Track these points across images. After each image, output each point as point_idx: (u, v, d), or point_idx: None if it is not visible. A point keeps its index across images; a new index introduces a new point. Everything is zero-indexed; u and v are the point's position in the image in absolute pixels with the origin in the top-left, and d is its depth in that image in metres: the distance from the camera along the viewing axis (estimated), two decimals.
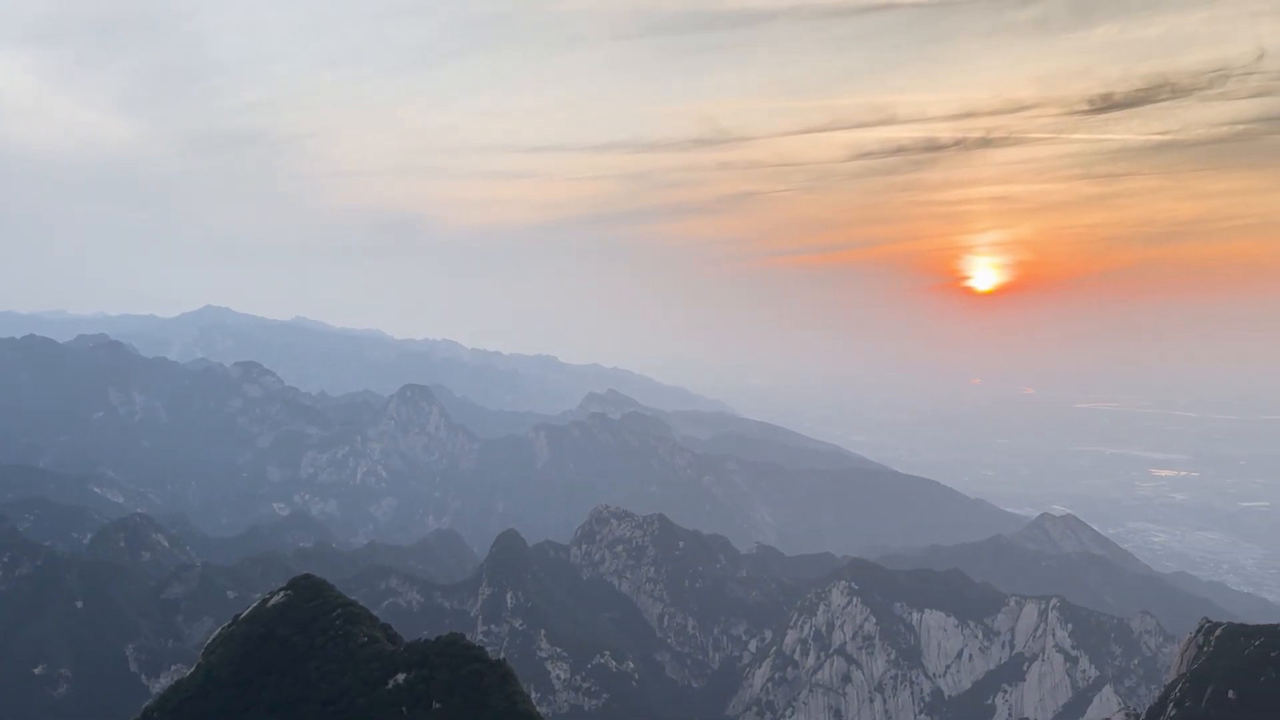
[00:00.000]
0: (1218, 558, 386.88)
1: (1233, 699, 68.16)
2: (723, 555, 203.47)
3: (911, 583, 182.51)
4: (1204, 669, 72.33)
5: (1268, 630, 72.86)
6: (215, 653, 69.95)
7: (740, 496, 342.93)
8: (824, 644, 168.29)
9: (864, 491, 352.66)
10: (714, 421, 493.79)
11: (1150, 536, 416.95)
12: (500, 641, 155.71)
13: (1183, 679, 73.57)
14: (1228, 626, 77.02)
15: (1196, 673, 72.53)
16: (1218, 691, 69.20)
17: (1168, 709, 71.81)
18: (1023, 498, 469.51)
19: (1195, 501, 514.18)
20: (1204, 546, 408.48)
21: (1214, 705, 68.71)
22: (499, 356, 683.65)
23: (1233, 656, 71.33)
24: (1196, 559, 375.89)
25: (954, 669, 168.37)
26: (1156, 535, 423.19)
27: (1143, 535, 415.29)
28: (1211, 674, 70.97)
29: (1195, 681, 71.61)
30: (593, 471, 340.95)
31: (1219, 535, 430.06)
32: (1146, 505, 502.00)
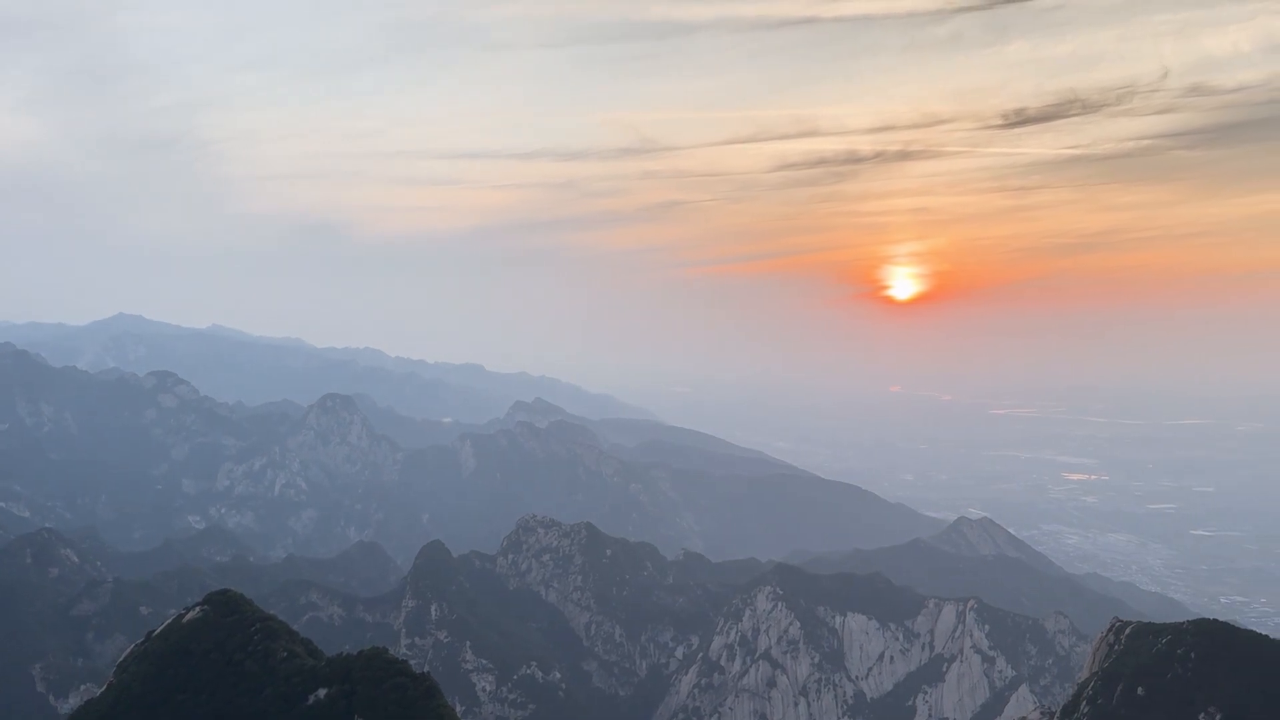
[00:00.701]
0: (1127, 559, 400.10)
1: (1142, 695, 70.53)
2: (650, 563, 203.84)
3: (834, 586, 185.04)
4: (1115, 667, 74.71)
5: (1174, 628, 75.57)
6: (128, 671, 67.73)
7: (667, 504, 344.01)
8: (750, 649, 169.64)
9: (788, 497, 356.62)
10: (641, 429, 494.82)
11: (1063, 538, 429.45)
12: (425, 654, 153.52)
13: (1095, 677, 75.87)
14: (1137, 625, 79.67)
15: (1108, 671, 74.87)
16: (1128, 688, 71.53)
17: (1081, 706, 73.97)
18: (941, 502, 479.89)
19: (1105, 504, 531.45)
20: (1114, 548, 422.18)
21: (1124, 702, 71.01)
22: (423, 365, 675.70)
23: (1142, 654, 73.84)
24: (1107, 560, 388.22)
25: (876, 671, 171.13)
26: (1069, 537, 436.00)
27: (1056, 537, 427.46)
28: (1122, 672, 73.35)
29: (1107, 679, 73.91)
30: (519, 481, 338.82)
31: (1128, 537, 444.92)
32: (1059, 508, 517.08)
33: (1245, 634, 75.94)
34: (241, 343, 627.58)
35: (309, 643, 72.06)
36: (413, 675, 65.08)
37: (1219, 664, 69.29)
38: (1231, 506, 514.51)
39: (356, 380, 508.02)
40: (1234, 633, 74.99)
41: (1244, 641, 73.01)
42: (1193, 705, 67.01)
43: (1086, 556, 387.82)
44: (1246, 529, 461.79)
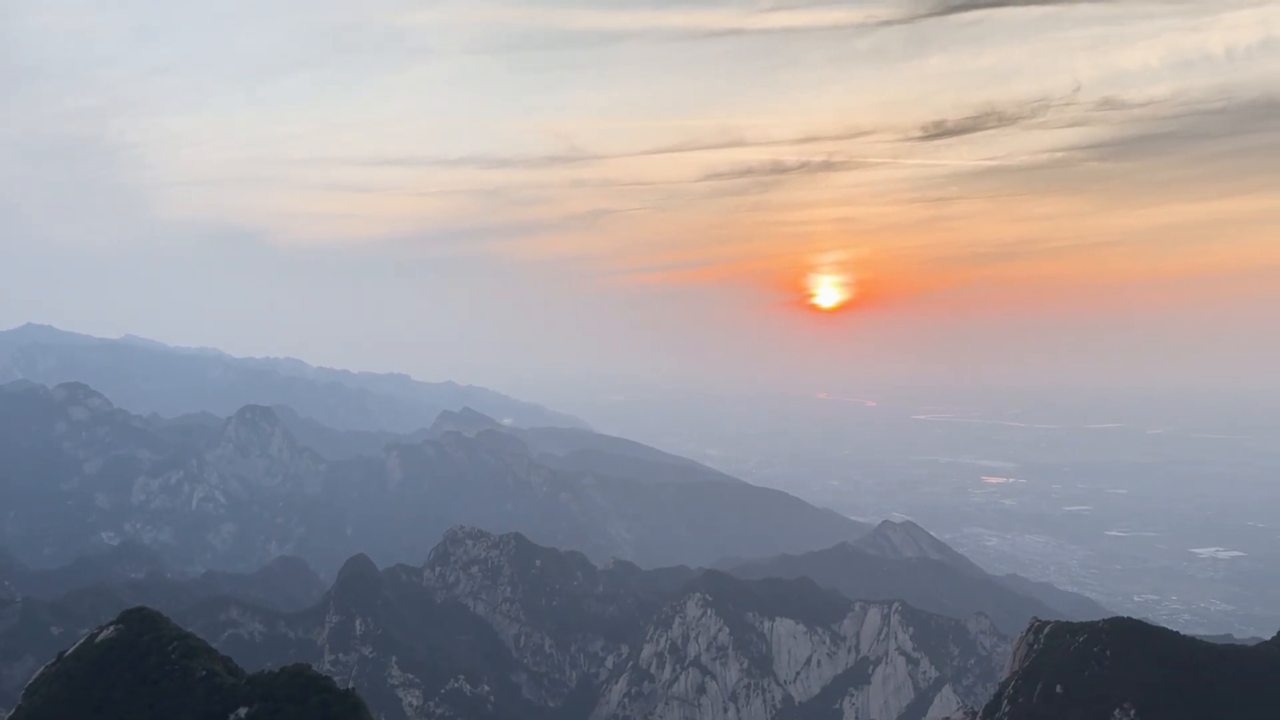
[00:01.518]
0: (1045, 559, 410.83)
1: (1061, 693, 72.39)
2: (580, 572, 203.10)
3: (763, 592, 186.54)
4: (1035, 666, 76.56)
5: (1090, 627, 77.77)
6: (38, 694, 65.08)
7: (597, 512, 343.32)
8: (679, 656, 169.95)
9: (718, 504, 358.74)
10: (570, 438, 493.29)
11: (983, 540, 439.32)
12: (349, 670, 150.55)
13: (1016, 676, 77.65)
14: (1055, 624, 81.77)
15: (1028, 670, 76.68)
16: (1047, 686, 73.36)
17: (1002, 705, 75.62)
18: (866, 506, 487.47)
19: (1023, 507, 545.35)
20: (1032, 549, 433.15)
21: (1044, 699, 72.82)
22: (347, 375, 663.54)
23: (1060, 653, 75.80)
24: (1025, 561, 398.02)
25: (804, 675, 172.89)
26: (989, 539, 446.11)
27: (976, 539, 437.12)
28: (1041, 670, 75.19)
29: (1027, 678, 75.70)
30: (447, 492, 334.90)
31: (1045, 538, 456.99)
32: (979, 511, 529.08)
33: (1157, 631, 78.49)
34: (157, 353, 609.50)
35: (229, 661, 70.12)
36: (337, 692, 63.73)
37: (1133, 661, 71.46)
38: (1144, 508, 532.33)
39: (277, 391, 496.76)
40: (1147, 630, 77.45)
41: (1156, 638, 75.44)
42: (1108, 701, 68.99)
43: (1006, 558, 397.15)
44: (1158, 529, 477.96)
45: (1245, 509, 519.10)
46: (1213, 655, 74.31)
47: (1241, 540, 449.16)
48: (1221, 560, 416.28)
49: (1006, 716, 73.79)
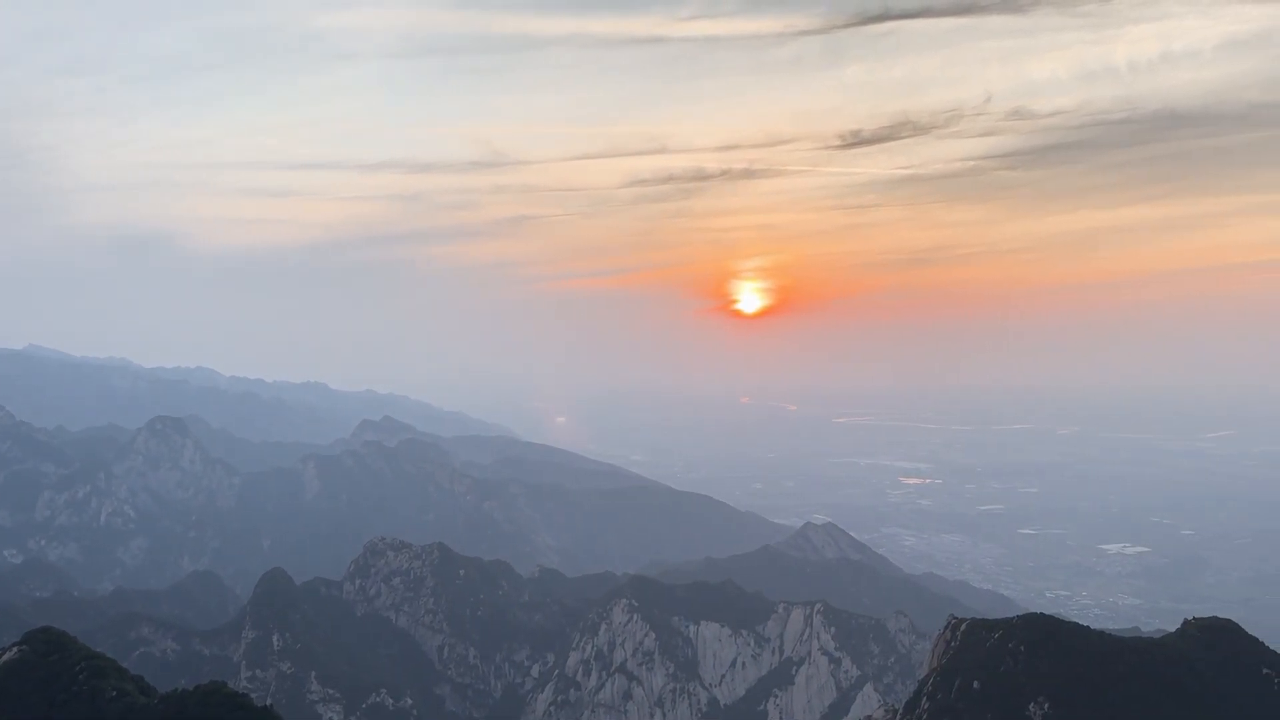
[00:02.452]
0: (961, 558, 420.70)
1: (978, 689, 74.17)
2: (505, 581, 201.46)
3: (688, 596, 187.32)
4: (953, 662, 78.30)
5: (1005, 624, 79.87)
6: None
7: (523, 520, 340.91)
8: (606, 663, 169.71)
9: (643, 509, 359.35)
10: (495, 445, 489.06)
11: (901, 540, 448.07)
12: (267, 687, 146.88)
13: (934, 673, 79.32)
14: (971, 622, 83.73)
15: (946, 666, 78.39)
16: (965, 683, 75.09)
17: (922, 702, 77.17)
18: (789, 508, 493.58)
19: (939, 507, 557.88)
20: (948, 548, 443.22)
21: (961, 696, 74.52)
22: (262, 384, 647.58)
23: (976, 649, 77.66)
24: (942, 560, 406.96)
25: (729, 678, 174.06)
26: (907, 539, 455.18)
27: (895, 539, 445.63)
28: (959, 667, 76.94)
29: (945, 675, 77.39)
30: (367, 502, 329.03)
31: (961, 537, 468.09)
32: (897, 511, 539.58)
33: (1069, 626, 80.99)
34: (62, 363, 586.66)
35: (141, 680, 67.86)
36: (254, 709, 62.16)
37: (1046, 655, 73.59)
38: (1054, 506, 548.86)
39: (189, 401, 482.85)
40: (1059, 625, 79.87)
41: (1068, 633, 77.83)
42: (1023, 695, 70.93)
43: (923, 557, 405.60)
44: (1068, 527, 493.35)
45: (1150, 506, 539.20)
46: (1121, 648, 76.94)
47: (1147, 536, 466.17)
48: (1129, 556, 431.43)
49: (926, 713, 75.28)
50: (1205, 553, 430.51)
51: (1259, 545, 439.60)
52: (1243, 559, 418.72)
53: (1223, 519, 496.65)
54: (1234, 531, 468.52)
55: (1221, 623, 79.80)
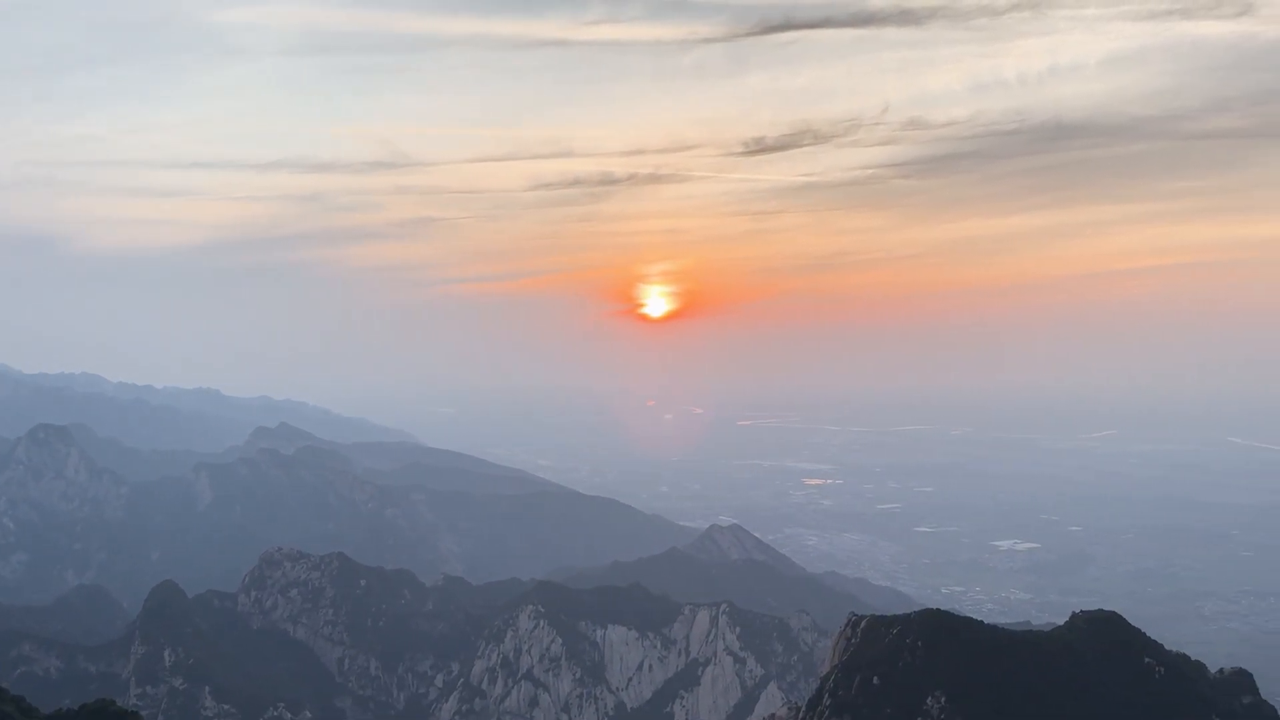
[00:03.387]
0: (860, 556, 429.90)
1: (877, 684, 75.78)
2: (408, 590, 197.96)
3: (595, 600, 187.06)
4: (853, 659, 79.86)
5: (903, 620, 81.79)
6: None
7: (426, 528, 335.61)
8: (512, 670, 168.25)
9: (550, 514, 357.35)
10: (398, 452, 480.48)
11: (804, 540, 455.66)
12: (158, 704, 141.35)
13: (835, 670, 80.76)
14: (871, 618, 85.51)
15: (847, 663, 79.90)
16: (865, 679, 76.65)
17: (824, 699, 78.48)
18: (695, 511, 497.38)
19: (840, 506, 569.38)
20: (848, 547, 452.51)
21: (862, 691, 76.04)
22: (151, 391, 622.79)
23: (876, 645, 79.36)
24: (843, 558, 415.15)
25: (636, 681, 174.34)
26: (809, 539, 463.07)
27: (797, 539, 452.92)
28: (859, 663, 78.50)
29: (846, 671, 78.87)
30: (263, 512, 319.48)
31: (861, 536, 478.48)
32: (800, 511, 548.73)
33: (964, 621, 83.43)
34: None
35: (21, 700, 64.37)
36: None
37: (943, 650, 75.62)
38: (949, 504, 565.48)
39: (73, 409, 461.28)
40: (954, 620, 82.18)
41: (963, 628, 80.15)
42: (921, 689, 72.72)
43: (824, 556, 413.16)
44: (962, 524, 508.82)
45: (1039, 504, 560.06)
46: (1013, 642, 79.59)
47: (1037, 533, 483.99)
48: (1019, 552, 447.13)
49: (828, 709, 76.60)
50: (1091, 548, 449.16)
51: (1140, 540, 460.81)
52: (1126, 554, 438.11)
53: (1107, 516, 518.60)
54: (1117, 527, 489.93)
55: (1107, 615, 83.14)
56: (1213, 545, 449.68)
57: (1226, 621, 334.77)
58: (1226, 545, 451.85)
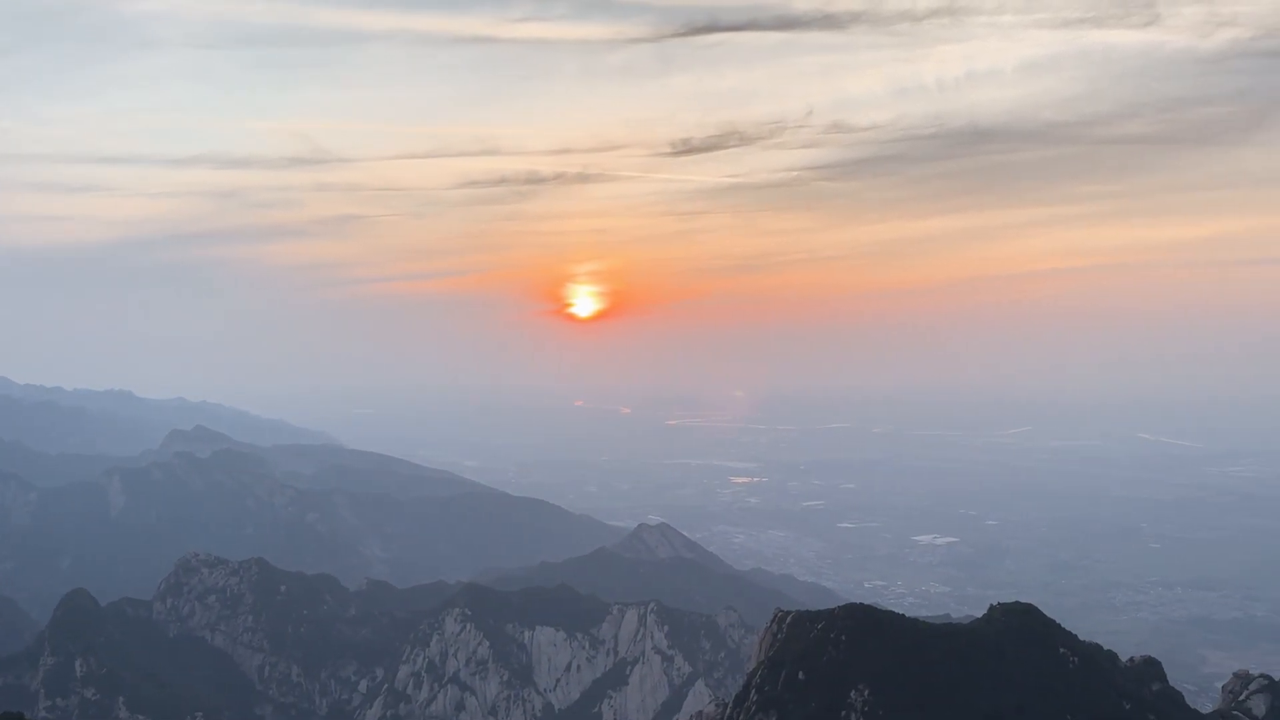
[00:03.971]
0: (786, 553, 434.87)
1: (803, 679, 76.63)
2: (330, 595, 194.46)
3: (523, 602, 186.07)
4: (779, 654, 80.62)
5: (827, 614, 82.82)
6: None
7: (349, 531, 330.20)
8: (438, 674, 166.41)
9: (477, 516, 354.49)
10: (319, 454, 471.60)
11: (731, 538, 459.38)
12: (69, 715, 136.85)
13: (762, 666, 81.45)
14: (796, 614, 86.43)
15: (773, 658, 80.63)
16: (790, 673, 77.44)
17: (750, 695, 79.08)
18: (623, 510, 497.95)
19: (766, 504, 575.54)
20: (774, 544, 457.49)
21: (788, 686, 76.83)
22: (60, 392, 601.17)
23: (801, 640, 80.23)
24: (769, 555, 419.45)
25: (564, 682, 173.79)
26: (736, 536, 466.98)
27: (725, 537, 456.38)
28: (785, 658, 79.29)
29: (772, 666, 79.58)
30: (179, 517, 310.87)
31: (786, 533, 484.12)
32: (727, 509, 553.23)
33: (886, 614, 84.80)
34: None
35: None
36: None
37: (866, 643, 76.80)
38: (871, 500, 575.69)
39: None
40: (877, 614, 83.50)
41: (885, 621, 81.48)
42: (845, 683, 73.76)
43: (751, 553, 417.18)
44: (884, 520, 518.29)
45: (957, 499, 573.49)
46: (934, 634, 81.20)
47: (955, 527, 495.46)
48: (939, 546, 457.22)
49: (754, 705, 77.25)
50: (1007, 541, 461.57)
51: (1055, 533, 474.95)
52: (1041, 546, 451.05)
53: (1022, 509, 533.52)
54: (1032, 521, 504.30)
55: (1023, 607, 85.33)
56: (1123, 538, 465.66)
57: (1136, 611, 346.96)
58: (1136, 538, 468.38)
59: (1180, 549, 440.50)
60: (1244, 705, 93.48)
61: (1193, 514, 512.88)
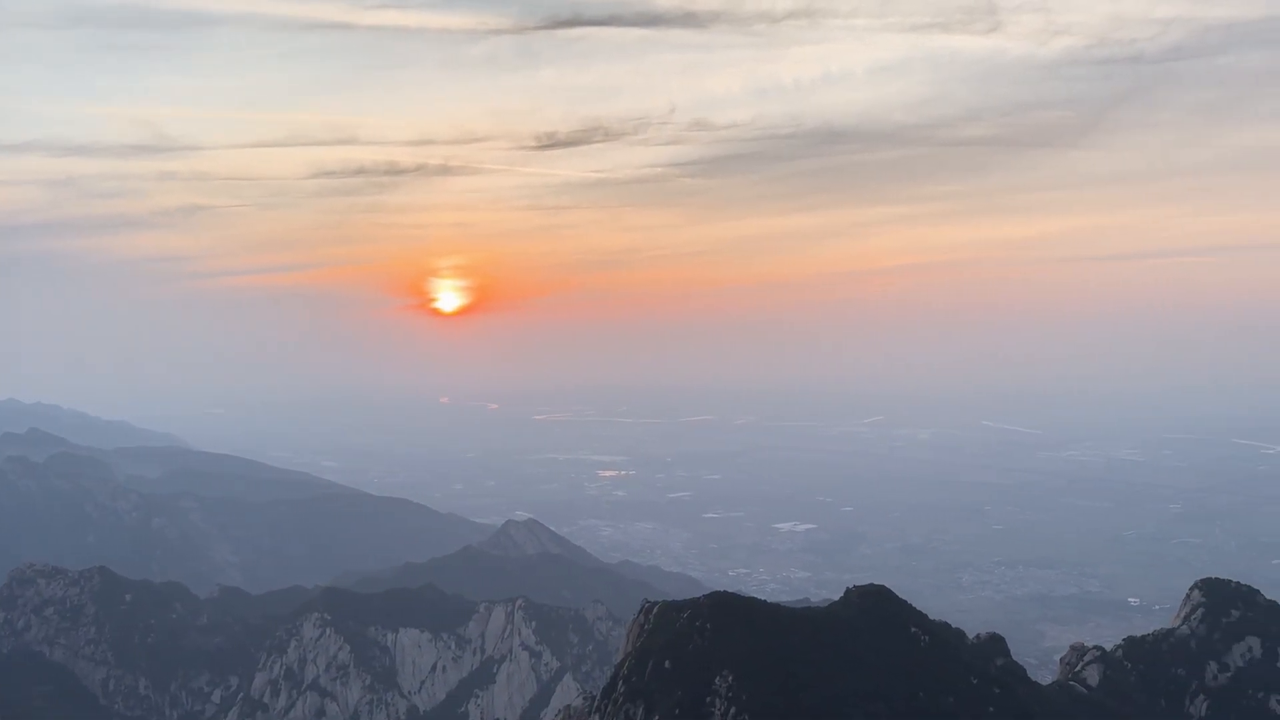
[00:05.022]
0: (653, 544, 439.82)
1: (669, 668, 77.60)
2: (179, 604, 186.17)
3: (385, 604, 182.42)
4: (646, 645, 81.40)
5: (693, 603, 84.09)
6: None
7: (199, 537, 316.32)
8: (296, 681, 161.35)
9: (336, 517, 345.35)
10: (165, 457, 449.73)
11: (598, 531, 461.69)
12: None
13: (629, 657, 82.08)
14: (663, 604, 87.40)
15: (640, 649, 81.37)
16: (657, 663, 78.30)
17: (618, 686, 79.59)
18: (490, 507, 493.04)
19: (633, 497, 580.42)
20: (642, 536, 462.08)
21: (655, 676, 77.66)
22: None
23: (667, 630, 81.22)
24: (636, 547, 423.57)
25: (429, 683, 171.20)
26: (603, 530, 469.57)
27: (592, 531, 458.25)
28: (652, 648, 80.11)
29: (639, 657, 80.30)
30: (11, 526, 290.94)
31: (653, 524, 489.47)
32: (594, 503, 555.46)
33: (749, 601, 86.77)
34: None
35: None
36: None
37: (730, 630, 78.39)
38: (735, 491, 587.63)
39: None
40: (740, 601, 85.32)
41: (748, 608, 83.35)
42: (710, 670, 75.07)
43: (619, 546, 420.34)
44: (747, 509, 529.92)
45: (816, 486, 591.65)
46: (795, 618, 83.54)
47: (814, 514, 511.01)
48: (799, 533, 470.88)
49: (621, 696, 77.78)
50: (862, 527, 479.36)
51: (907, 518, 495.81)
52: (894, 531, 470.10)
53: (876, 495, 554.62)
54: (886, 506, 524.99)
55: (877, 589, 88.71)
56: (969, 521, 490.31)
57: (981, 590, 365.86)
58: (981, 520, 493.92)
59: (1021, 530, 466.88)
60: (1079, 676, 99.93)
61: (1032, 497, 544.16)
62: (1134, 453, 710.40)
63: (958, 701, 75.54)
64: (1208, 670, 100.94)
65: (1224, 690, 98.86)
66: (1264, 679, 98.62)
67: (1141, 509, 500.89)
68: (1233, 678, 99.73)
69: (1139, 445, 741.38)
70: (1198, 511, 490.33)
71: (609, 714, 78.11)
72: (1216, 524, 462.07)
